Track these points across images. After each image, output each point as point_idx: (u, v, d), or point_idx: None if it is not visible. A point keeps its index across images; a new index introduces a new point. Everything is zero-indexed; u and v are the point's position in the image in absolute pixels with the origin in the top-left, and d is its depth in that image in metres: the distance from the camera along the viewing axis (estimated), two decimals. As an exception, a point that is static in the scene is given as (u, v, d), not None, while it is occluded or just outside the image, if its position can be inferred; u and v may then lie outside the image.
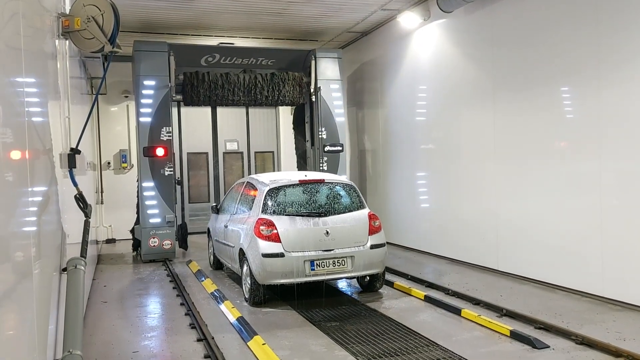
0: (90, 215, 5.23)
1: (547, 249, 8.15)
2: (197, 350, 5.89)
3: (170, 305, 7.94)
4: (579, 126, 7.64)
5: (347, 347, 5.85)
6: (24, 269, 3.07)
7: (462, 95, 10.11)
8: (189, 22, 12.02)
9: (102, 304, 8.08)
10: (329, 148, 12.61)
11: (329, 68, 12.69)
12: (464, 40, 10.09)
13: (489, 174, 9.41)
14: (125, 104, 14.82)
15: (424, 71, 11.33)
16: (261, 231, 7.51)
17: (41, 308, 3.55)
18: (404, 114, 12.16)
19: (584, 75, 7.50)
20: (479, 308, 7.12)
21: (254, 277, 7.51)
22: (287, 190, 8.05)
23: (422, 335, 6.18)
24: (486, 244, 9.48)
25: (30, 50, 3.76)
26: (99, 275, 10.11)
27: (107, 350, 5.99)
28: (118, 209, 14.23)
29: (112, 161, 14.86)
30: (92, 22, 5.04)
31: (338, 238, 7.58)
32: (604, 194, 7.24)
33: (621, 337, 5.86)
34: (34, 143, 3.68)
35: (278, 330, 6.54)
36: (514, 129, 8.83)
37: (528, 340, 5.76)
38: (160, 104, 11.26)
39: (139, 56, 11.29)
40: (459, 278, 8.89)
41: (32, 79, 3.82)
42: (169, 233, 11.37)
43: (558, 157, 8.00)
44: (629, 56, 6.86)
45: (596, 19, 7.26)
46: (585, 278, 7.54)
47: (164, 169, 11.27)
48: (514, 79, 8.81)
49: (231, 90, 12.07)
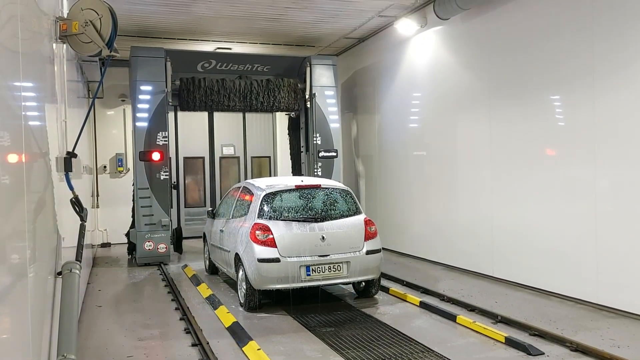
0: (86, 219, 5.22)
1: (542, 256, 8.17)
2: (191, 355, 5.87)
3: (165, 309, 7.91)
4: (574, 133, 7.68)
5: (342, 353, 5.84)
6: (18, 272, 3.07)
7: (458, 102, 10.15)
8: (186, 27, 12.05)
9: (96, 308, 8.05)
10: (323, 154, 12.67)
11: (324, 75, 12.78)
12: (460, 47, 10.15)
13: (485, 181, 9.44)
14: (122, 108, 14.82)
15: (420, 78, 11.38)
16: (257, 236, 7.51)
17: (35, 312, 3.53)
18: (399, 120, 12.20)
19: (578, 83, 7.54)
20: (474, 314, 7.13)
21: (249, 282, 7.50)
22: (283, 195, 8.05)
23: (417, 341, 6.18)
24: (482, 250, 9.50)
25: (28, 53, 3.77)
26: (94, 279, 10.08)
27: (101, 355, 5.96)
28: (114, 213, 14.21)
29: (108, 165, 14.84)
30: (90, 26, 5.05)
31: (334, 243, 7.59)
32: (598, 200, 7.27)
33: (615, 344, 5.88)
34: (30, 146, 3.67)
35: (273, 335, 6.52)
36: (510, 135, 8.87)
37: (523, 346, 5.77)
38: (157, 109, 11.29)
39: (136, 61, 11.33)
40: (455, 284, 8.91)
41: (30, 83, 3.82)
42: (164, 237, 11.37)
43: (553, 164, 8.03)
44: (623, 64, 6.91)
45: (591, 27, 7.31)
46: (580, 285, 7.56)
47: (159, 173, 11.28)
48: (509, 86, 8.85)
49: (227, 95, 12.11)
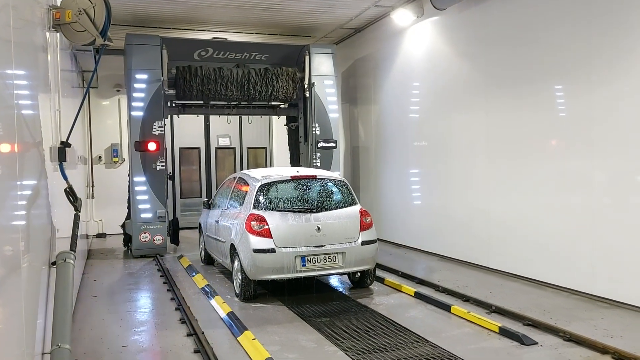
0: (80, 209, 5.21)
1: (538, 247, 8.20)
2: (186, 345, 5.88)
3: (161, 300, 7.92)
4: (571, 124, 7.68)
5: (337, 343, 5.86)
6: (12, 262, 3.06)
7: (455, 93, 10.13)
8: (181, 16, 11.96)
9: (92, 298, 8.05)
10: (322, 144, 12.55)
11: (323, 64, 12.63)
12: (457, 38, 10.11)
13: (481, 172, 9.44)
14: (117, 98, 14.73)
15: (416, 68, 11.34)
16: (252, 226, 7.51)
17: (29, 302, 3.53)
18: (396, 111, 12.18)
19: (575, 74, 7.53)
20: (469, 305, 7.16)
21: (244, 272, 7.51)
22: (278, 186, 8.04)
23: (412, 331, 6.21)
24: (477, 241, 9.53)
25: (20, 42, 3.73)
26: (89, 270, 10.07)
27: (96, 345, 5.97)
28: (109, 204, 14.18)
29: (103, 155, 14.78)
30: (84, 14, 5.01)
31: (329, 234, 7.59)
32: (594, 192, 7.29)
33: (608, 334, 5.92)
34: (23, 136, 3.65)
35: (268, 325, 6.54)
36: (506, 127, 8.87)
37: (516, 336, 5.80)
38: (152, 98, 11.16)
39: (131, 49, 11.21)
40: (450, 275, 8.94)
41: (22, 71, 3.79)
42: (161, 228, 11.28)
43: (549, 155, 8.04)
44: (620, 54, 6.90)
45: (588, 17, 7.29)
46: (575, 276, 7.60)
47: (155, 163, 11.17)
48: (506, 77, 8.84)
49: (224, 85, 11.97)
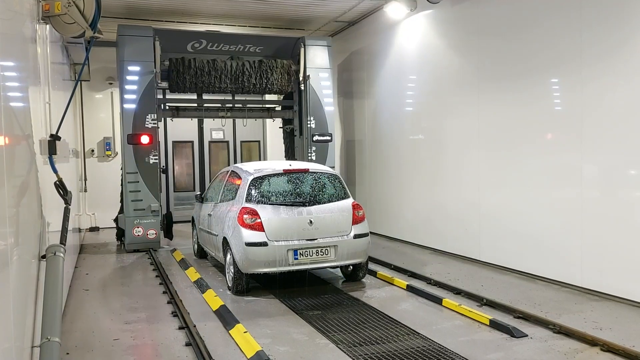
0: (70, 202, 5.19)
1: (528, 240, 8.25)
2: (178, 338, 5.89)
3: (153, 293, 7.91)
4: (562, 118, 7.71)
5: (329, 336, 5.89)
6: (1, 256, 3.05)
7: (448, 87, 10.14)
8: (173, 8, 11.88)
9: (83, 292, 8.04)
10: (317, 138, 12.41)
11: (318, 56, 12.48)
12: (450, 31, 10.11)
13: (473, 165, 9.47)
14: (110, 91, 14.64)
15: (410, 62, 11.34)
16: (245, 220, 7.51)
17: (19, 295, 3.52)
18: (389, 105, 12.17)
19: (567, 68, 7.55)
20: (460, 297, 7.20)
21: (237, 265, 7.51)
22: (271, 179, 8.04)
23: (403, 324, 6.24)
24: (469, 234, 9.57)
25: (8, 34, 3.71)
26: (82, 263, 10.05)
27: (87, 338, 5.96)
28: (102, 197, 14.11)
29: (95, 149, 14.71)
30: (73, 6, 4.98)
31: (321, 227, 7.61)
32: (584, 186, 7.33)
33: (598, 326, 5.97)
34: (12, 129, 3.63)
35: (260, 318, 6.56)
36: (498, 120, 8.89)
37: (507, 329, 5.84)
38: (145, 90, 11.03)
39: (123, 41, 11.08)
40: (442, 268, 8.98)
41: (10, 63, 3.76)
42: (154, 222, 11.19)
43: (540, 149, 8.07)
44: (610, 49, 6.92)
45: (579, 11, 7.30)
46: (565, 269, 7.65)
47: (148, 157, 11.08)
48: (498, 71, 8.85)
49: (218, 77, 11.84)
